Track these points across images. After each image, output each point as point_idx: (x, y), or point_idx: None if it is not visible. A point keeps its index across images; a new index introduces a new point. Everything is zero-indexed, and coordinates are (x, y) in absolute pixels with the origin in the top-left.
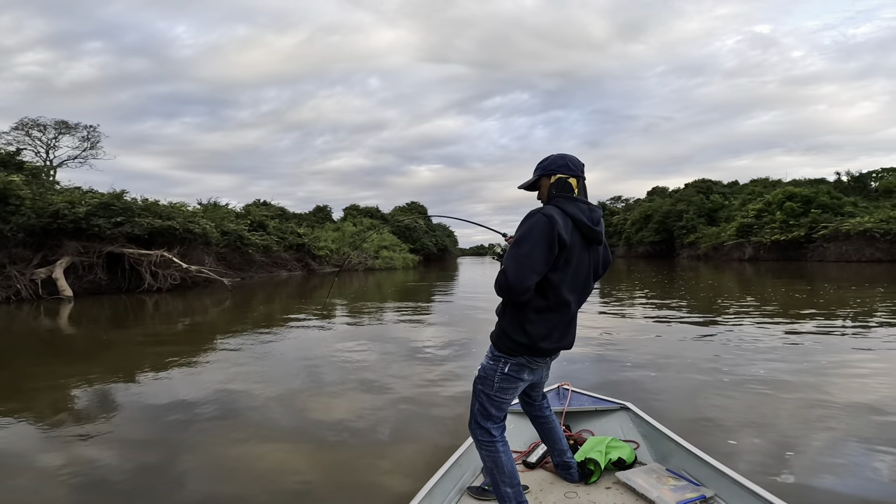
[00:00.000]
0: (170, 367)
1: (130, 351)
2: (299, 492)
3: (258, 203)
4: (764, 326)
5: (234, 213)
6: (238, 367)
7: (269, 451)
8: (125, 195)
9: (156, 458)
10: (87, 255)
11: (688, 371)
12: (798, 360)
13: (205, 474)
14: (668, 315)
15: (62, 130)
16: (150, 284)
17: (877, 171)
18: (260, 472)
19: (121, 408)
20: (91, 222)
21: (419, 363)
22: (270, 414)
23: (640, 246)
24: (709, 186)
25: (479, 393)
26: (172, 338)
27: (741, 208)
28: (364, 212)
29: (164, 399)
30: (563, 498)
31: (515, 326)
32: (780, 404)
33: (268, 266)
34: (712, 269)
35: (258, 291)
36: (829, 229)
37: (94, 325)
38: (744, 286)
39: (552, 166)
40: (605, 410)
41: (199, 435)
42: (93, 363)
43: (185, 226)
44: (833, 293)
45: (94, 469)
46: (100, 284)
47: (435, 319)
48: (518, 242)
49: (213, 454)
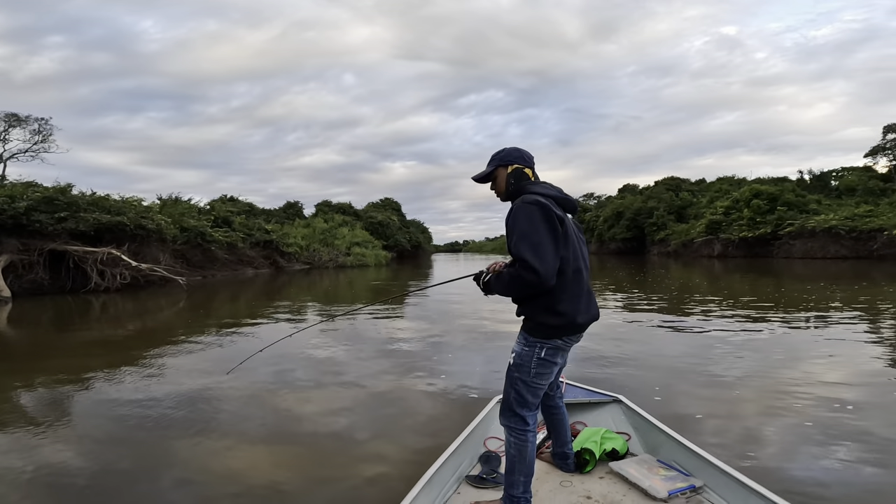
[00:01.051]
0: (122, 369)
1: (76, 354)
2: (271, 488)
3: (224, 199)
4: (733, 321)
5: (196, 208)
6: (199, 368)
7: (238, 450)
8: (71, 189)
9: (117, 460)
10: (28, 253)
11: (660, 365)
12: (765, 353)
13: (172, 474)
14: (639, 310)
15: (12, 123)
16: (97, 284)
17: (836, 171)
18: (229, 470)
19: (74, 411)
20: (32, 218)
21: (393, 360)
22: (240, 413)
23: (612, 243)
24: (678, 184)
25: (515, 381)
26: (123, 341)
27: (709, 206)
28: (336, 208)
29: (121, 400)
30: (559, 487)
31: (547, 312)
32: (747, 396)
33: (233, 264)
34: (682, 266)
35: (220, 290)
36: (794, 226)
37: (36, 328)
38: (713, 283)
39: (508, 158)
40: (598, 403)
41: (162, 436)
42: (36, 367)
43: (136, 222)
44: (812, 291)
45: (52, 471)
46: (41, 284)
47: (410, 315)
48: (525, 236)
49: (179, 454)
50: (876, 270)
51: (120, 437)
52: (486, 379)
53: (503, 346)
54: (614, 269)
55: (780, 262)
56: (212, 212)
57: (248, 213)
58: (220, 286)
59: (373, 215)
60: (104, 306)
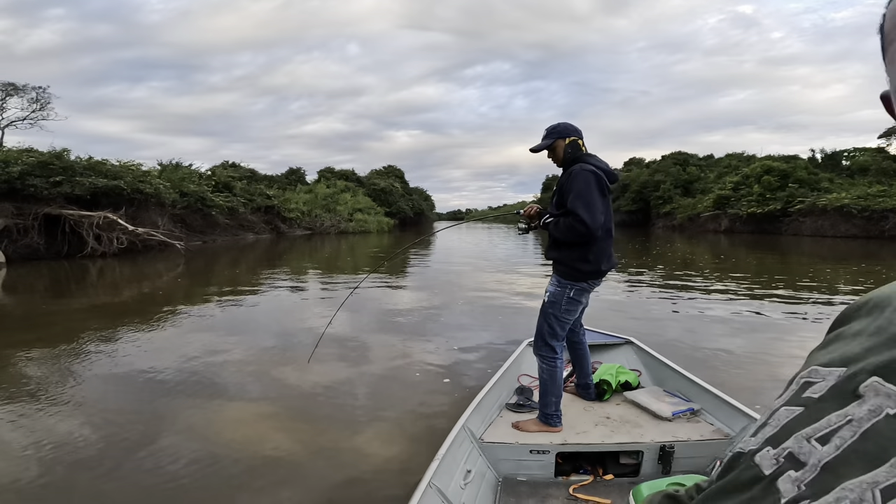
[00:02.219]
0: (121, 336)
1: (73, 320)
2: (274, 457)
3: (226, 165)
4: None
5: (197, 173)
6: (203, 334)
7: (242, 419)
8: (68, 154)
9: (127, 429)
10: (22, 218)
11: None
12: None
13: (178, 441)
14: (641, 282)
15: (9, 92)
16: (94, 248)
17: (848, 150)
18: (234, 439)
19: (81, 379)
20: (26, 182)
21: (395, 331)
22: (243, 383)
23: (617, 215)
24: (685, 159)
25: (548, 315)
26: (121, 306)
27: (717, 181)
28: (339, 174)
29: (126, 369)
30: (583, 411)
31: (581, 259)
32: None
33: (233, 229)
34: (688, 240)
35: (220, 255)
36: (805, 204)
37: (31, 294)
38: (725, 259)
39: (566, 132)
40: (613, 344)
41: (167, 404)
42: (36, 334)
43: (134, 186)
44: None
45: (64, 441)
46: (37, 249)
47: (412, 285)
48: (581, 195)
49: (186, 422)
50: (886, 250)
51: (124, 405)
52: (492, 346)
53: (505, 314)
54: (619, 241)
55: (788, 239)
56: (213, 177)
57: (249, 179)
58: (220, 251)
59: (375, 182)
60: (100, 271)
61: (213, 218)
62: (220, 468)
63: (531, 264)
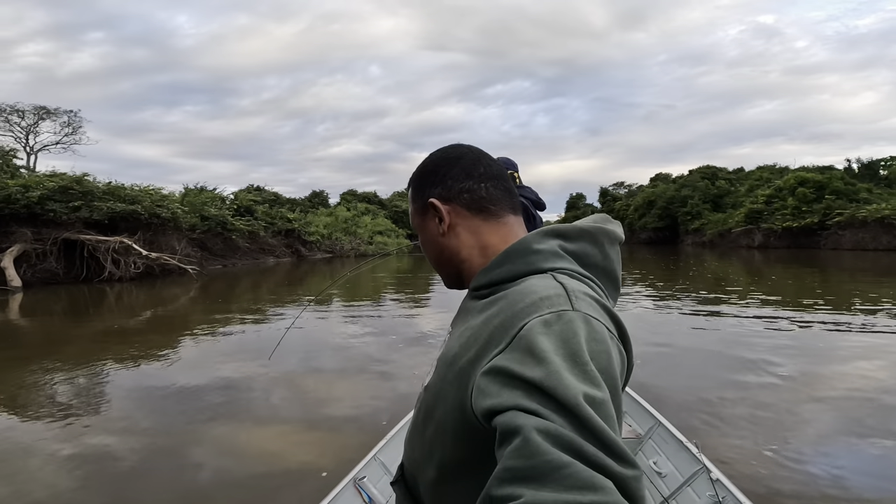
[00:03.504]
0: (136, 358)
1: (91, 342)
2: (303, 471)
3: (251, 188)
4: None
5: (220, 197)
6: (226, 354)
7: (271, 435)
8: (87, 178)
9: (160, 443)
10: (41, 243)
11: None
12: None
13: (211, 455)
14: (672, 306)
15: (42, 116)
16: (112, 273)
17: (885, 160)
18: (264, 453)
19: (114, 397)
20: (46, 207)
21: (420, 350)
22: (272, 400)
23: (643, 232)
24: (714, 172)
25: None
26: (132, 330)
27: (749, 194)
28: (361, 197)
29: (158, 385)
30: None
31: None
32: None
33: (254, 252)
34: (721, 257)
35: (236, 280)
36: (844, 216)
37: (49, 317)
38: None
39: (507, 166)
40: None
41: (197, 421)
42: (48, 357)
43: (151, 210)
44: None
45: (99, 454)
46: (55, 273)
47: (434, 305)
48: None
49: (217, 437)
50: None
51: (159, 424)
52: None
53: None
54: (646, 261)
55: (827, 254)
56: (235, 201)
57: (273, 203)
58: (239, 275)
59: (398, 204)
60: (110, 296)
61: (233, 242)
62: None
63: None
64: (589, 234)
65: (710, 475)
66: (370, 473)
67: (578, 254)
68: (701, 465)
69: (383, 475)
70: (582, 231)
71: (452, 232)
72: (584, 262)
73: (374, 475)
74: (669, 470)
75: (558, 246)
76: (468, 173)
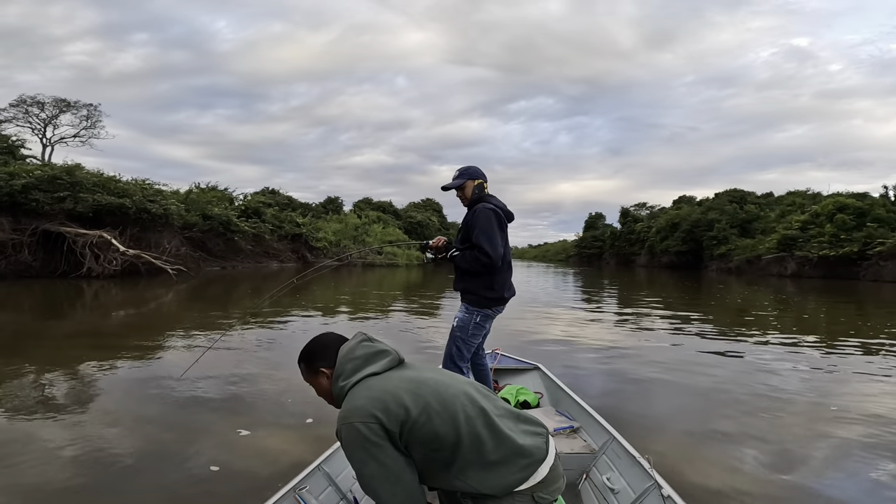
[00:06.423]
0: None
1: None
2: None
3: (266, 191)
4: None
5: (227, 197)
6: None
7: (269, 435)
8: (79, 170)
9: (155, 438)
10: (18, 233)
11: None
12: None
13: (209, 453)
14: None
15: (62, 108)
16: (91, 269)
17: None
18: (263, 450)
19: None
20: (29, 196)
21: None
22: (266, 401)
23: (665, 256)
24: (742, 196)
25: (456, 339)
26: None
27: (780, 220)
28: (375, 205)
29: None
30: None
31: (487, 288)
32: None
33: (257, 256)
34: (755, 287)
35: (234, 283)
36: (886, 245)
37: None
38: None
39: (476, 174)
40: (523, 369)
41: (194, 418)
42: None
43: (141, 205)
44: None
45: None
46: (29, 266)
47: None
48: (485, 231)
49: (215, 436)
50: None
51: (154, 418)
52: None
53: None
54: (666, 285)
55: (867, 286)
56: (243, 202)
57: (285, 206)
58: (234, 279)
59: (412, 215)
60: (65, 293)
61: (235, 243)
62: None
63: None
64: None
65: (661, 491)
66: (312, 484)
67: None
68: (653, 481)
69: (327, 486)
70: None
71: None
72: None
73: (317, 486)
74: (622, 486)
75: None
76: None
